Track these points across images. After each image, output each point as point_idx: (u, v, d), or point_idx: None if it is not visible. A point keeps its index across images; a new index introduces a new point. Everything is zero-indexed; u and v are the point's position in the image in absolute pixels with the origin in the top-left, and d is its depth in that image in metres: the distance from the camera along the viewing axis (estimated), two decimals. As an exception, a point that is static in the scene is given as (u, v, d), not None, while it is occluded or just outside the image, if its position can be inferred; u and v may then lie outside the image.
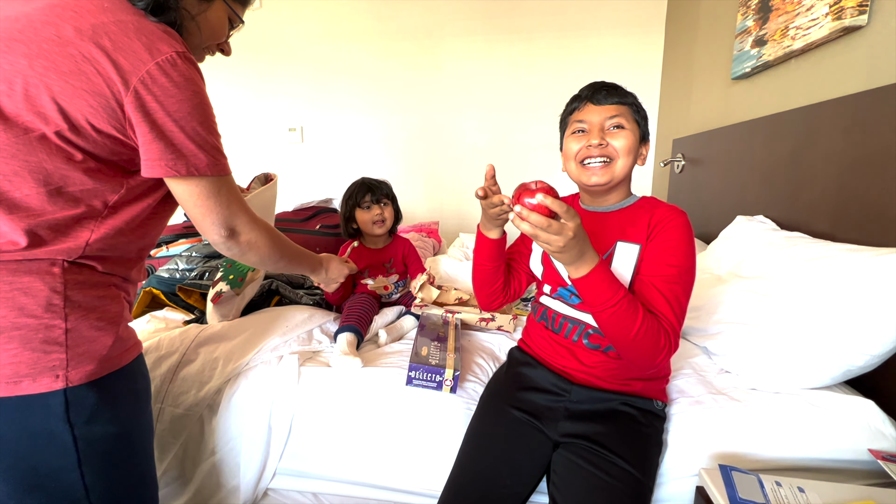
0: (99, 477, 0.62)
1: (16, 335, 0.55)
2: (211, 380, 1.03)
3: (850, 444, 0.81)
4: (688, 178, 2.00)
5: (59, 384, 0.57)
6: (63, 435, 0.58)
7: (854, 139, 1.04)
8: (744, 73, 1.55)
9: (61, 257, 0.59)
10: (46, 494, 0.59)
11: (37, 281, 0.57)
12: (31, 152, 0.56)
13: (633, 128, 0.83)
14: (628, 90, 0.86)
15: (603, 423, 0.82)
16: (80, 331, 0.59)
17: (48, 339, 0.57)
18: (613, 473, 0.75)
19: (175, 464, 1.02)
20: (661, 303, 0.75)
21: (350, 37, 2.69)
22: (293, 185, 2.89)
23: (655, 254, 0.78)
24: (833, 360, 0.85)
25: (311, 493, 1.02)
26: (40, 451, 0.58)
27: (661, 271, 0.77)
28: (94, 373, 0.60)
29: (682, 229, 0.79)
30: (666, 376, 0.91)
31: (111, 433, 0.63)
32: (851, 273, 0.86)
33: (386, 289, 1.38)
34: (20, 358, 0.55)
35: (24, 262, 0.57)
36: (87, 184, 0.59)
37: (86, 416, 0.59)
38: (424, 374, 0.95)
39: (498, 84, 2.57)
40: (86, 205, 0.60)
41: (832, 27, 1.12)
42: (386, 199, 1.36)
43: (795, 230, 1.18)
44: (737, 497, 0.68)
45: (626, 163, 0.82)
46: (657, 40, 2.38)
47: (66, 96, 0.56)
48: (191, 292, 1.32)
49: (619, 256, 0.81)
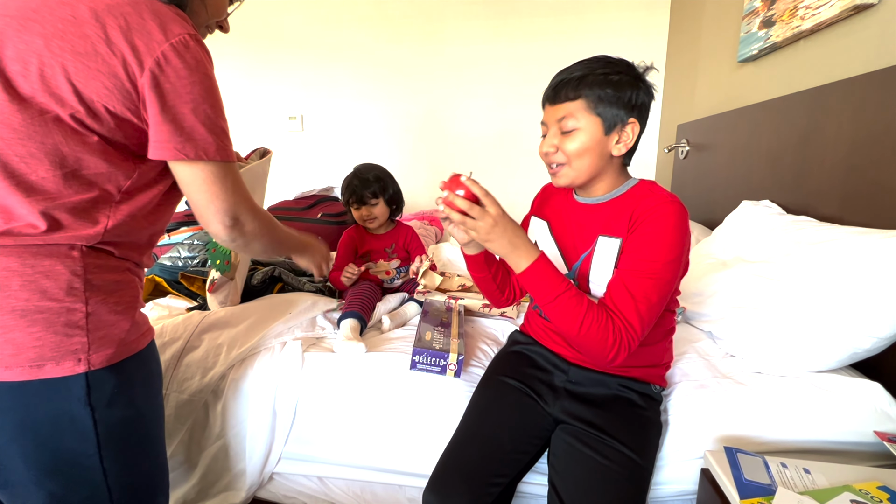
0: (117, 460, 0.62)
1: (39, 318, 0.55)
2: (215, 366, 1.03)
3: (855, 426, 0.81)
4: (692, 164, 1.98)
5: (82, 367, 0.57)
6: (84, 419, 0.58)
7: (864, 120, 1.02)
8: (751, 55, 1.52)
9: (80, 243, 0.59)
10: (66, 478, 0.59)
11: (57, 264, 0.57)
12: (48, 134, 0.56)
13: (589, 123, 0.75)
14: (597, 72, 0.75)
15: (602, 407, 0.82)
16: (99, 315, 0.59)
17: (70, 322, 0.57)
18: (611, 457, 0.75)
19: (181, 449, 1.02)
20: (624, 300, 0.72)
21: (350, 23, 2.65)
22: (294, 174, 2.88)
23: (632, 248, 0.75)
24: (839, 343, 0.85)
25: (316, 476, 1.03)
26: (61, 436, 0.58)
27: (633, 266, 0.73)
28: (113, 356, 0.60)
29: (664, 220, 0.73)
30: (667, 363, 0.90)
31: (128, 417, 0.63)
32: (859, 255, 0.85)
33: (388, 273, 1.38)
34: (43, 341, 0.55)
35: (45, 246, 0.57)
36: (102, 167, 0.59)
37: (106, 399, 0.60)
38: (428, 358, 0.95)
39: (500, 67, 2.53)
40: (100, 189, 0.60)
41: (843, 6, 1.10)
42: (374, 197, 1.33)
43: (802, 214, 1.17)
44: (742, 478, 0.68)
45: (583, 164, 0.77)
46: (662, 23, 2.34)
47: (82, 77, 0.55)
48: (193, 279, 1.32)
49: (601, 251, 0.79)
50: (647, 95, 0.78)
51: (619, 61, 0.78)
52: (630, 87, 0.75)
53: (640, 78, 0.77)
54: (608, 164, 0.80)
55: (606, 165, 0.80)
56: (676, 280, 0.76)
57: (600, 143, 0.77)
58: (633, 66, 0.78)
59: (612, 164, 0.80)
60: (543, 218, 0.92)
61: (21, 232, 0.56)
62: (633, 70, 0.77)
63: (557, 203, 0.90)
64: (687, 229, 0.75)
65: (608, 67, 0.76)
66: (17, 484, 0.59)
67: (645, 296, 0.72)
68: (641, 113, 0.77)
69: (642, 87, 0.77)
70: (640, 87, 0.76)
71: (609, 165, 0.80)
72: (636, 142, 0.79)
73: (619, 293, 0.73)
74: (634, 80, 0.76)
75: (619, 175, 0.82)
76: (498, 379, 0.92)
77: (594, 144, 0.76)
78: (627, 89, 0.75)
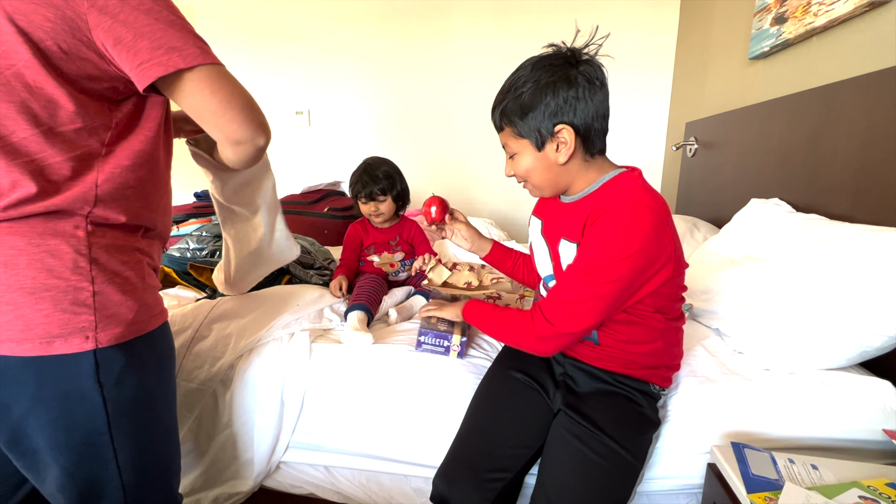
0: (126, 439, 0.63)
1: (47, 296, 0.56)
2: (224, 355, 1.04)
3: (864, 423, 0.81)
4: (700, 162, 1.97)
5: (90, 345, 0.58)
6: (93, 395, 0.59)
7: (877, 118, 1.01)
8: (762, 52, 1.51)
9: (78, 206, 0.58)
10: (78, 454, 0.61)
11: (62, 243, 0.57)
12: (12, 92, 0.54)
13: (520, 146, 0.78)
14: (508, 96, 0.75)
15: (598, 402, 0.83)
16: (106, 294, 0.59)
17: (77, 300, 0.57)
18: (599, 450, 0.75)
19: (190, 437, 1.04)
20: (550, 296, 0.77)
21: (356, 18, 2.65)
22: (301, 168, 2.89)
23: (581, 246, 0.75)
24: (849, 340, 0.84)
25: (322, 466, 1.04)
26: (72, 412, 0.59)
27: (575, 262, 0.76)
28: (121, 335, 0.61)
29: (611, 223, 0.71)
30: (671, 365, 0.88)
31: (139, 397, 0.64)
32: (870, 253, 0.85)
33: (392, 266, 1.39)
34: (52, 318, 0.56)
35: (49, 225, 0.57)
36: (77, 120, 0.57)
37: (114, 377, 0.60)
38: (433, 339, 1.00)
39: (508, 64, 2.50)
40: (82, 145, 0.58)
41: (857, 2, 1.09)
42: (382, 194, 1.33)
43: (813, 213, 1.16)
44: (749, 473, 0.68)
45: (536, 179, 0.81)
46: (671, 20, 2.32)
47: (21, 13, 0.52)
48: (202, 270, 1.33)
49: (563, 254, 0.80)
50: (569, 85, 0.72)
51: (528, 66, 0.75)
52: (544, 93, 0.72)
53: (557, 75, 0.72)
54: (569, 169, 0.79)
55: (567, 170, 0.79)
56: (623, 280, 0.71)
57: (539, 158, 0.78)
58: (544, 65, 0.73)
59: (576, 166, 0.79)
60: (540, 217, 0.93)
61: (17, 201, 0.55)
62: (544, 71, 0.73)
63: (551, 201, 0.92)
64: (645, 229, 0.70)
65: (517, 84, 0.75)
66: (34, 453, 0.60)
67: (574, 291, 0.74)
68: (570, 108, 0.73)
69: (561, 83, 0.72)
70: (558, 85, 0.72)
71: (572, 168, 0.79)
72: (599, 129, 0.76)
73: (551, 290, 0.78)
74: (549, 82, 0.72)
75: (596, 171, 0.80)
76: (503, 371, 0.93)
77: (535, 162, 0.78)
78: (541, 99, 0.73)
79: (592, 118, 0.74)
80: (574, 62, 0.73)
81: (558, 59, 0.73)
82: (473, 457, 0.80)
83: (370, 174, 1.33)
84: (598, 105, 0.74)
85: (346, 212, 2.11)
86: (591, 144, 0.77)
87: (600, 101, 0.74)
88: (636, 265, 0.71)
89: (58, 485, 0.61)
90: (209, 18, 2.83)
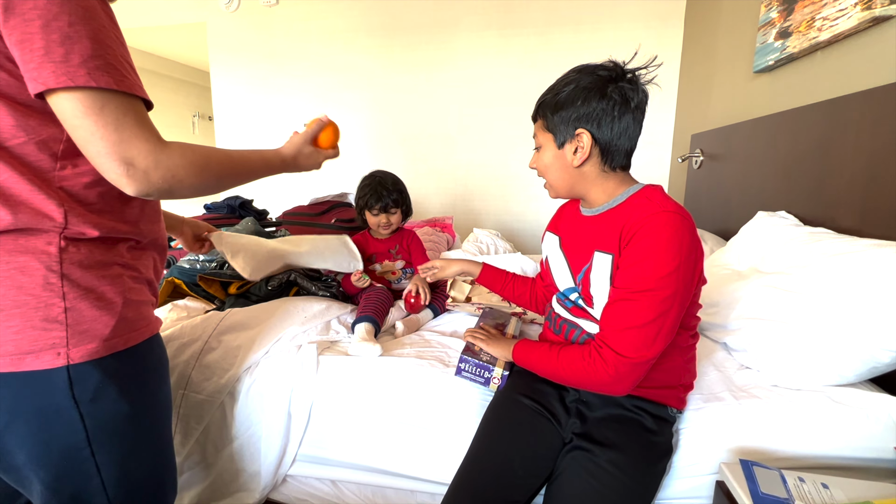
0: (111, 455, 0.63)
1: (16, 313, 0.56)
2: (232, 367, 1.05)
3: (875, 441, 0.80)
4: (706, 174, 1.97)
5: (61, 361, 0.57)
6: (69, 411, 0.59)
7: (884, 131, 1.01)
8: (767, 65, 1.52)
9: (44, 223, 0.56)
10: (59, 469, 0.60)
11: (32, 260, 0.57)
12: None
13: (545, 139, 0.81)
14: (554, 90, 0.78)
15: (610, 430, 0.80)
16: (79, 310, 0.59)
17: (48, 317, 0.57)
18: (612, 486, 0.73)
19: (197, 448, 1.04)
20: (612, 327, 0.74)
21: (363, 32, 2.70)
22: (308, 180, 2.92)
23: (625, 265, 0.73)
24: (858, 356, 0.84)
25: (329, 479, 1.04)
26: (50, 427, 0.59)
27: (625, 284, 0.73)
28: (95, 351, 0.60)
29: (656, 232, 0.70)
30: (685, 384, 0.87)
31: (120, 412, 0.63)
32: (879, 268, 0.84)
33: (394, 274, 1.41)
34: (22, 335, 0.56)
35: (20, 241, 0.56)
36: (20, 136, 0.55)
37: (90, 393, 0.60)
38: (474, 367, 0.94)
39: (512, 79, 2.55)
40: (32, 160, 0.56)
41: (861, 17, 1.10)
42: (395, 206, 1.37)
43: (820, 226, 1.16)
44: (759, 492, 0.67)
45: (552, 177, 0.83)
46: (676, 34, 2.34)
47: None
48: (211, 282, 1.35)
49: (597, 267, 0.79)
50: (601, 97, 0.74)
51: (579, 69, 0.78)
52: (578, 97, 0.75)
53: (596, 84, 0.75)
54: (584, 174, 0.80)
55: (583, 175, 0.80)
56: (680, 293, 0.71)
57: (558, 157, 0.80)
58: (590, 71, 0.76)
59: (592, 174, 0.80)
60: (556, 233, 0.94)
61: None
62: (587, 78, 0.76)
63: (569, 217, 0.92)
64: (686, 238, 0.71)
65: (563, 82, 0.78)
66: (17, 469, 0.61)
67: (637, 315, 0.71)
68: (595, 119, 0.75)
69: (595, 93, 0.74)
70: (592, 94, 0.74)
71: (588, 175, 0.80)
72: (621, 146, 0.77)
73: (608, 320, 0.75)
74: (586, 88, 0.75)
75: (617, 183, 0.81)
76: (512, 396, 0.89)
77: (553, 159, 0.81)
78: (573, 102, 0.75)
79: (617, 135, 0.76)
80: (615, 78, 0.75)
81: (604, 71, 0.76)
82: (480, 486, 0.78)
83: (384, 187, 1.36)
84: (626, 124, 0.76)
85: (353, 223, 2.12)
86: (610, 157, 0.78)
87: (630, 122, 0.76)
88: (687, 274, 0.71)
89: (43, 500, 0.61)
90: (220, 34, 2.90)
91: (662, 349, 0.73)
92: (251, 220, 1.59)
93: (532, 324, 1.29)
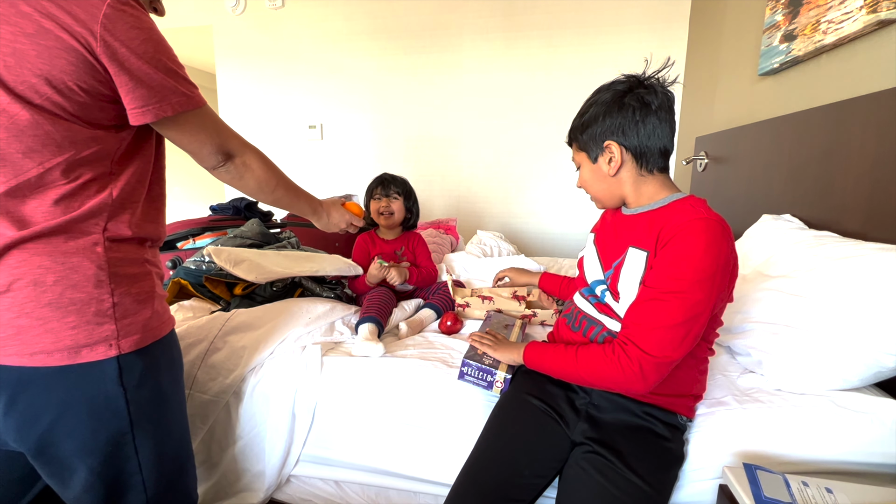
0: (147, 439, 0.69)
1: (73, 310, 0.61)
2: (237, 367, 1.06)
3: (879, 446, 0.80)
4: (711, 177, 1.96)
5: (113, 352, 0.64)
6: (118, 398, 0.65)
7: (889, 135, 1.01)
8: (772, 68, 1.51)
9: (94, 225, 0.63)
10: (103, 455, 0.66)
11: (84, 261, 0.63)
12: (38, 125, 0.58)
13: (582, 159, 0.88)
14: (579, 115, 0.86)
15: (622, 434, 0.80)
16: (124, 304, 0.65)
17: (100, 311, 0.63)
18: (623, 487, 0.73)
19: (202, 448, 1.05)
20: (637, 324, 0.74)
21: (368, 35, 2.72)
22: (314, 181, 2.94)
23: (658, 265, 0.75)
24: (863, 361, 0.83)
25: (332, 480, 1.04)
26: (99, 415, 0.64)
27: (657, 283, 0.74)
28: (139, 341, 0.66)
29: (693, 238, 0.71)
30: (696, 395, 0.87)
31: (156, 397, 0.70)
32: (884, 272, 0.84)
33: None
34: (78, 330, 0.62)
35: (71, 244, 0.62)
36: (93, 147, 0.62)
37: (136, 380, 0.66)
38: (477, 371, 0.94)
39: (516, 82, 2.56)
40: (95, 169, 0.63)
41: (867, 21, 1.09)
42: (397, 194, 1.42)
43: (825, 229, 1.16)
44: (762, 496, 0.67)
45: (595, 190, 0.88)
46: (681, 37, 2.34)
47: (44, 59, 0.55)
48: (217, 283, 1.36)
49: (630, 261, 0.80)
50: (619, 110, 0.79)
51: (599, 90, 0.84)
52: (601, 114, 0.81)
53: (613, 99, 0.80)
54: (622, 180, 0.84)
55: (620, 181, 0.84)
56: (709, 301, 0.72)
57: (595, 170, 0.86)
58: (607, 88, 0.82)
59: (630, 179, 0.83)
60: (594, 231, 0.98)
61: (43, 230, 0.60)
62: (605, 94, 0.82)
63: (609, 216, 0.95)
64: (725, 248, 0.72)
65: (588, 105, 0.84)
66: (61, 460, 0.64)
67: (667, 315, 0.72)
68: (619, 130, 0.80)
69: (613, 107, 0.80)
70: (610, 108, 0.80)
71: (626, 180, 0.84)
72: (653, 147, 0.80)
73: (633, 310, 0.76)
74: (606, 102, 0.81)
75: (657, 187, 0.83)
76: (520, 396, 0.89)
77: (591, 173, 0.87)
78: (596, 120, 0.82)
79: (645, 137, 0.79)
80: (631, 88, 0.80)
81: (621, 85, 0.81)
82: (485, 484, 0.78)
83: (391, 177, 1.45)
84: (651, 127, 0.79)
85: (358, 224, 2.14)
86: (644, 161, 0.82)
87: (655, 124, 0.79)
88: (722, 283, 0.73)
89: (85, 486, 0.66)
90: (226, 37, 2.92)
91: (686, 353, 0.74)
92: (256, 222, 1.60)
93: (537, 326, 1.29)
